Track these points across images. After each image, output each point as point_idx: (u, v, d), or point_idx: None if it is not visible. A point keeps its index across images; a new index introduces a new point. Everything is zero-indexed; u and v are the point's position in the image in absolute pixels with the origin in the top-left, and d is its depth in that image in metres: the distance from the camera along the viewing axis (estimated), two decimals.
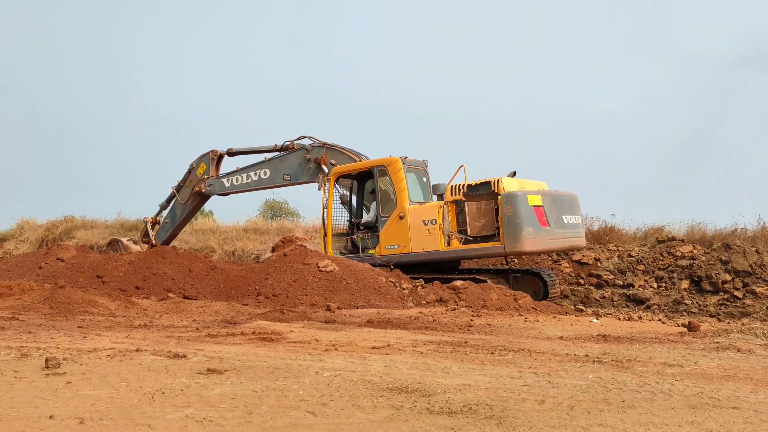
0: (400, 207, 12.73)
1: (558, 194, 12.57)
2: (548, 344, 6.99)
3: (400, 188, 12.77)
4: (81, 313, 9.46)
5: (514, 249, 11.74)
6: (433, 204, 12.67)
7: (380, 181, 13.19)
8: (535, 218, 11.63)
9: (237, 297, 11.56)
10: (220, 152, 16.29)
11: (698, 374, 5.31)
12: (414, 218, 12.56)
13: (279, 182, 15.19)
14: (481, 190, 12.28)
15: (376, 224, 13.36)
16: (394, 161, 12.99)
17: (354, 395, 4.37)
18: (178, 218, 16.75)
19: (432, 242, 12.34)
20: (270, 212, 28.34)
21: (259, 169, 15.33)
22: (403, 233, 12.67)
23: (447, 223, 12.32)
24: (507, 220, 11.60)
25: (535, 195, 11.88)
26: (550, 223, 11.85)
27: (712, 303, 12.88)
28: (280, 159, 15.12)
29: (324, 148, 14.39)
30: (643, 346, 6.98)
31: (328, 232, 13.74)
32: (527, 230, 11.50)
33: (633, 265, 14.52)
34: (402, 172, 12.84)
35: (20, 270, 13.75)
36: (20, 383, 4.65)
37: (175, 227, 16.90)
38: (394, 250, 12.79)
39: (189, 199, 16.47)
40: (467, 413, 3.96)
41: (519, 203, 11.58)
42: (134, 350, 6.00)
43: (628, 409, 4.11)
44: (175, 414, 3.86)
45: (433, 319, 9.17)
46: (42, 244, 23.65)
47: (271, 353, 6.04)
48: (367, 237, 13.45)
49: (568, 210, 12.56)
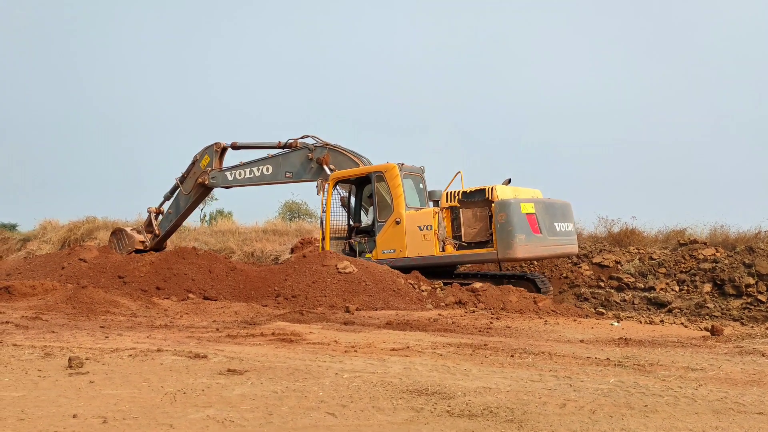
0: (397, 212, 12.91)
1: (551, 202, 12.79)
2: (569, 347, 6.94)
3: (397, 194, 12.96)
4: (103, 313, 9.56)
5: (506, 255, 11.93)
6: (429, 210, 12.87)
7: (378, 187, 13.33)
8: (528, 226, 11.85)
9: (256, 298, 11.62)
10: (224, 145, 16.41)
11: (722, 379, 5.24)
12: (410, 224, 12.76)
13: (281, 179, 15.34)
14: (475, 197, 12.50)
15: (373, 229, 13.54)
16: (392, 168, 13.16)
17: (374, 397, 4.37)
18: (182, 209, 16.83)
19: (427, 247, 12.54)
20: (289, 213, 28.45)
21: (262, 165, 15.48)
22: (399, 238, 12.87)
23: (442, 228, 12.50)
24: (500, 227, 11.81)
25: (528, 203, 12.10)
26: (543, 231, 12.07)
27: (735, 307, 12.70)
28: (283, 157, 15.26)
29: (326, 148, 14.54)
30: (665, 350, 6.91)
31: (326, 235, 13.92)
32: (519, 237, 11.71)
33: (654, 268, 14.36)
34: (399, 179, 13.02)
35: (43, 270, 13.92)
36: (44, 382, 4.71)
37: (178, 218, 17.00)
38: (390, 254, 13.00)
39: (192, 190, 16.56)
40: (487, 416, 3.94)
41: (512, 211, 11.80)
42: (155, 350, 6.05)
43: (650, 413, 4.07)
44: (197, 414, 3.88)
45: (452, 321, 9.14)
46: (64, 244, 23.88)
47: (290, 354, 6.06)
48: (364, 241, 13.66)
49: (561, 218, 12.76)
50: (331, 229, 14.07)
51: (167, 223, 16.99)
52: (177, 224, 17.36)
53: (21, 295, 11.01)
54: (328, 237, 13.92)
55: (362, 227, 14.15)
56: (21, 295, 11.01)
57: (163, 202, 17.28)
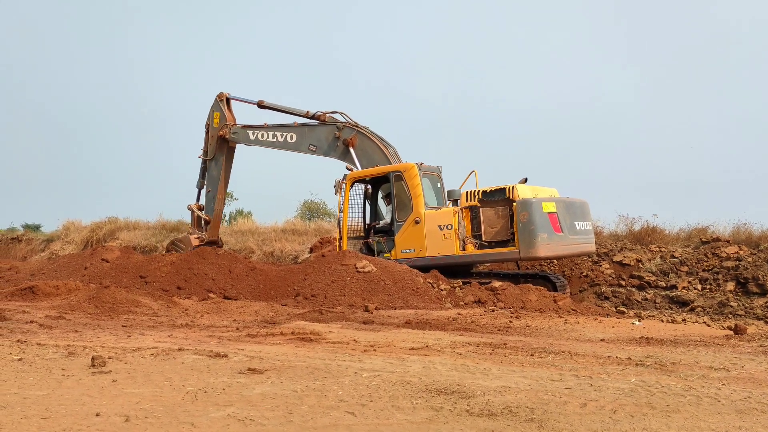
0: (416, 212, 12.89)
1: (571, 201, 12.74)
2: (589, 346, 6.89)
3: (416, 194, 12.94)
4: (125, 312, 9.66)
5: (528, 254, 11.88)
6: (449, 209, 12.82)
7: (396, 187, 13.28)
8: (549, 224, 11.82)
9: (276, 297, 11.68)
10: (227, 95, 16.21)
11: (745, 378, 5.17)
12: (430, 223, 12.74)
13: (303, 150, 15.09)
14: (496, 197, 12.44)
15: (391, 228, 13.49)
16: (410, 167, 13.13)
17: (393, 396, 4.37)
18: (217, 178, 16.42)
19: (447, 247, 12.51)
20: (308, 213, 28.54)
21: (287, 132, 15.22)
22: (418, 238, 12.85)
23: (462, 228, 12.48)
24: (522, 226, 11.78)
25: (549, 202, 12.07)
26: (564, 230, 12.03)
27: (759, 305, 12.52)
28: (310, 128, 15.01)
29: (355, 130, 14.32)
30: (687, 349, 6.83)
31: (344, 235, 13.89)
32: (542, 236, 11.69)
33: (676, 267, 14.21)
34: (418, 178, 12.99)
35: (66, 270, 14.09)
36: (68, 381, 4.77)
37: (218, 189, 16.47)
38: (409, 254, 12.98)
39: (217, 153, 16.28)
40: (507, 416, 3.92)
41: (534, 210, 11.77)
42: (177, 349, 6.10)
43: (672, 413, 4.03)
44: (218, 413, 3.91)
45: (471, 321, 9.12)
46: (87, 245, 24.19)
47: (310, 353, 6.08)
48: (383, 241, 13.62)
49: (580, 216, 12.73)
50: (348, 229, 14.04)
51: (212, 202, 16.56)
52: (221, 197, 16.79)
53: (45, 295, 11.16)
54: (345, 236, 13.91)
55: (380, 227, 14.10)
56: (45, 295, 11.16)
57: (199, 192, 17.02)
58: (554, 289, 12.56)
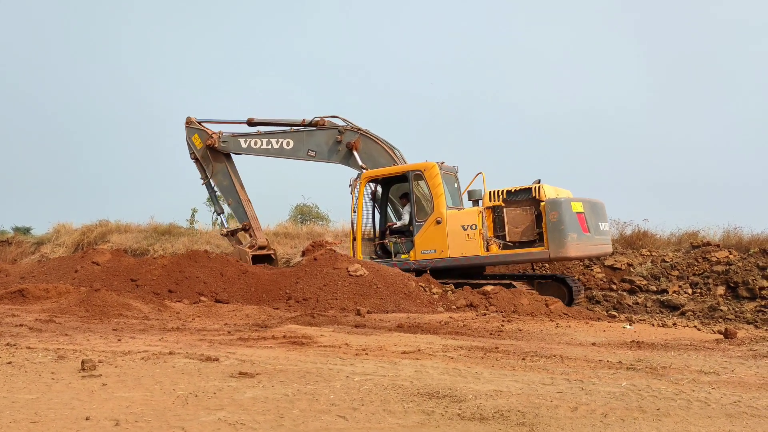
0: (438, 212, 12.71)
1: (594, 201, 12.64)
2: (581, 350, 6.91)
3: (438, 193, 12.76)
4: (116, 315, 9.62)
5: (558, 255, 11.76)
6: (473, 209, 12.68)
7: (415, 186, 13.10)
8: (578, 225, 11.74)
9: (268, 301, 11.64)
10: (194, 119, 15.96)
11: (735, 382, 5.19)
12: (452, 223, 12.57)
13: (302, 156, 14.79)
14: (521, 196, 12.32)
15: (409, 229, 13.28)
16: (432, 166, 12.97)
17: (385, 400, 4.37)
18: (231, 186, 15.99)
19: (471, 247, 12.34)
20: (300, 216, 28.49)
21: (282, 138, 14.89)
22: (440, 238, 12.65)
23: (485, 228, 12.33)
24: (552, 225, 11.66)
25: (577, 202, 11.97)
26: (590, 230, 11.95)
27: (749, 309, 12.60)
28: (308, 133, 14.72)
29: (358, 133, 14.12)
30: (678, 353, 6.86)
31: (358, 236, 13.65)
32: (572, 236, 11.60)
33: (667, 271, 14.28)
34: (439, 177, 12.83)
35: (57, 273, 14.02)
36: (57, 385, 4.74)
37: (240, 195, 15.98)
38: (430, 254, 12.75)
39: (215, 164, 15.89)
40: (499, 420, 3.93)
41: (564, 209, 11.68)
42: (167, 353, 6.08)
43: (663, 417, 4.04)
44: (208, 417, 3.90)
45: (463, 324, 9.13)
46: (78, 247, 24.05)
47: (302, 357, 6.07)
48: (401, 241, 13.37)
49: (602, 217, 12.68)
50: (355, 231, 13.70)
51: (240, 209, 16.05)
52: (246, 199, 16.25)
53: (35, 298, 11.10)
54: (359, 238, 13.60)
55: (397, 227, 13.75)
56: (35, 298, 11.10)
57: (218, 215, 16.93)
58: (570, 293, 12.54)
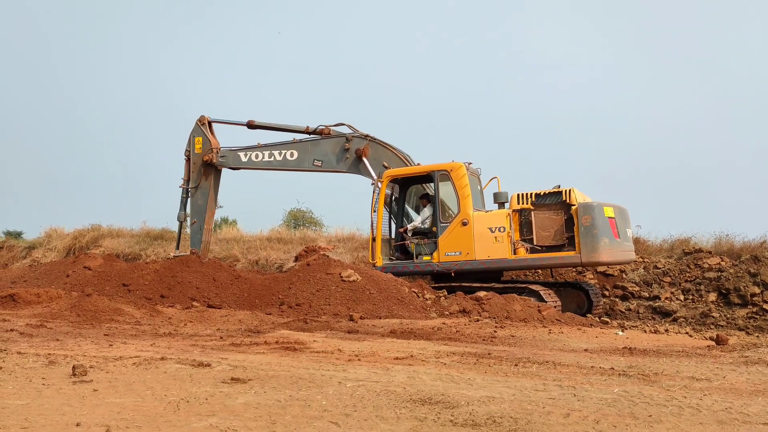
0: (464, 213, 12.51)
1: (621, 207, 12.55)
2: (573, 356, 6.92)
3: (464, 194, 12.58)
4: (107, 321, 9.57)
5: (591, 259, 11.69)
6: (501, 211, 12.52)
7: (441, 187, 12.90)
8: (610, 229, 11.68)
9: (260, 306, 11.62)
10: (208, 118, 15.10)
11: (727, 389, 5.21)
12: (479, 225, 12.38)
13: (307, 167, 14.34)
14: (550, 200, 12.21)
15: (432, 230, 13.06)
16: (459, 166, 12.80)
17: (377, 406, 4.36)
18: (203, 208, 15.15)
19: (499, 250, 12.16)
20: (293, 222, 28.47)
21: (285, 149, 14.39)
22: (466, 240, 12.42)
23: (512, 231, 12.21)
24: (584, 230, 11.58)
25: (609, 207, 11.89)
26: (621, 235, 11.90)
27: (740, 316, 12.66)
28: (312, 143, 14.28)
29: (366, 140, 13.84)
30: (669, 359, 6.88)
31: (378, 237, 13.29)
32: (604, 241, 11.55)
33: (659, 277, 14.32)
34: (466, 178, 12.66)
35: (48, 278, 13.95)
36: (48, 390, 4.71)
37: (205, 220, 15.19)
38: (455, 257, 12.50)
39: (201, 179, 15.03)
40: (491, 426, 3.93)
41: (597, 214, 11.62)
42: (159, 358, 6.05)
43: (655, 423, 4.05)
44: (200, 423, 3.88)
45: (456, 330, 9.13)
46: (69, 252, 23.92)
47: (294, 363, 6.06)
48: (423, 243, 13.09)
49: (628, 223, 12.63)
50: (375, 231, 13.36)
51: (198, 235, 15.15)
52: (208, 228, 15.48)
53: (26, 303, 11.03)
54: (379, 239, 13.29)
55: (420, 228, 13.44)
56: (26, 303, 11.03)
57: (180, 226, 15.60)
58: (588, 300, 12.54)
